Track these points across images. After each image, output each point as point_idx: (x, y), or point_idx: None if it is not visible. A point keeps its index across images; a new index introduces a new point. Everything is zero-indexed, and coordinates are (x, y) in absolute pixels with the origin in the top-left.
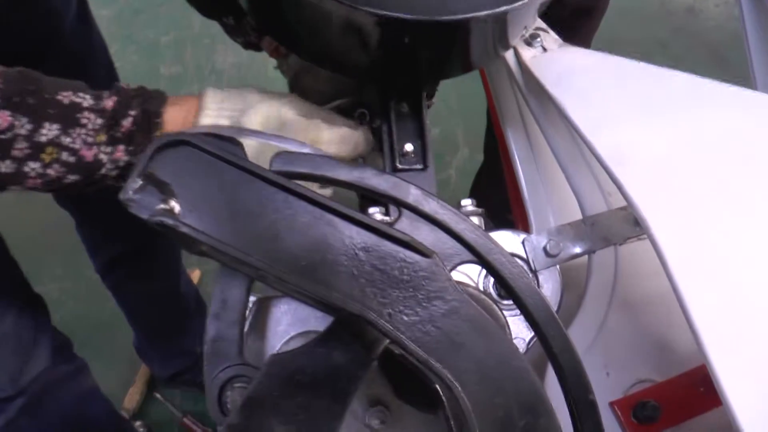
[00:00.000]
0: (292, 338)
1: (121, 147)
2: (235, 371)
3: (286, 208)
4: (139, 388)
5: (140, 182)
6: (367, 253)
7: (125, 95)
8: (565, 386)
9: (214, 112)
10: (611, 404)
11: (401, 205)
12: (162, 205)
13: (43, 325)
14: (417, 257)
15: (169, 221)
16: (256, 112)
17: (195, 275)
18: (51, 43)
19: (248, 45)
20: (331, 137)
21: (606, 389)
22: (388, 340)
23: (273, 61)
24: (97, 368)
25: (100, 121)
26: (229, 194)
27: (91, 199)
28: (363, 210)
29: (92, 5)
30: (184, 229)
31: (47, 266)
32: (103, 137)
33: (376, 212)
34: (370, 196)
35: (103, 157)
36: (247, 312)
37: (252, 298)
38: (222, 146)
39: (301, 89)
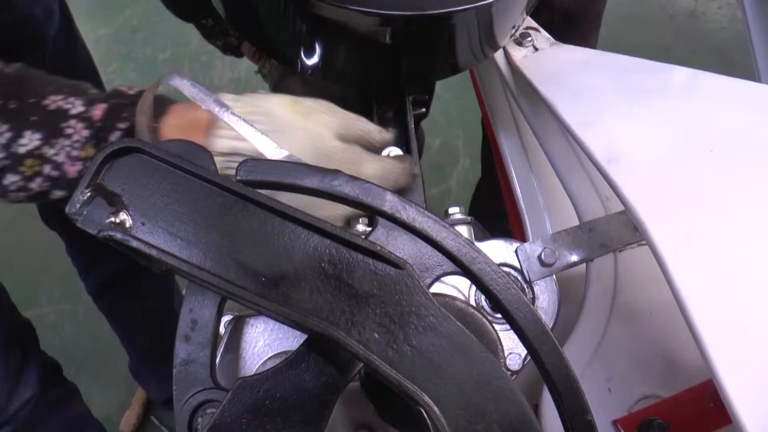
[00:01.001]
0: (269, 359)
1: None
2: (207, 396)
3: (244, 219)
4: (136, 411)
5: (88, 194)
6: (333, 265)
7: (118, 104)
8: (560, 406)
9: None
10: (614, 423)
11: (376, 212)
12: (111, 219)
13: (31, 350)
14: (389, 269)
15: (119, 236)
16: (291, 134)
17: None
18: (30, 53)
19: (227, 49)
20: (374, 172)
21: (609, 406)
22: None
23: None
24: (94, 391)
25: (86, 132)
26: (184, 205)
27: None
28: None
29: (90, 25)
30: (135, 244)
31: (44, 288)
32: (90, 151)
33: (358, 224)
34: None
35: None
36: (222, 331)
37: (227, 317)
38: (186, 155)
39: (286, 91)
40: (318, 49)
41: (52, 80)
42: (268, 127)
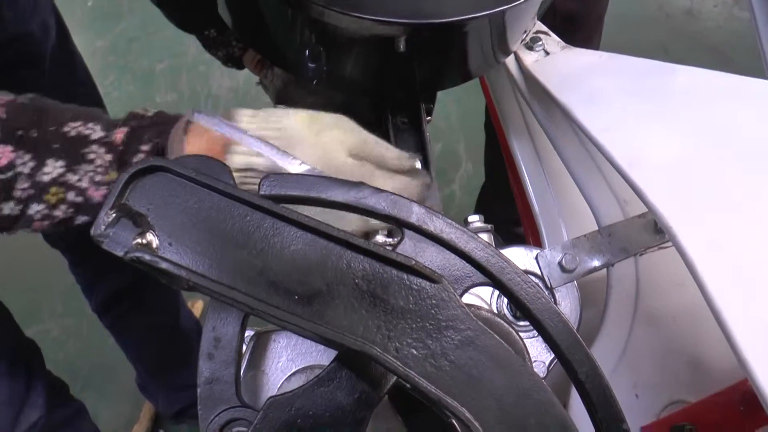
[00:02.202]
0: (293, 374)
1: None
2: (233, 414)
3: (274, 236)
4: (144, 426)
5: (113, 215)
6: (368, 281)
7: (138, 127)
8: (595, 416)
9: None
10: (643, 429)
11: (404, 225)
12: (138, 240)
13: (37, 371)
14: (424, 283)
15: (147, 257)
16: (302, 150)
17: (197, 307)
18: (28, 70)
19: (228, 59)
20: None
21: (637, 413)
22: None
23: None
24: (101, 406)
25: (109, 157)
26: (211, 223)
27: (81, 238)
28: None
29: (86, 38)
30: (164, 265)
31: (47, 304)
32: (114, 175)
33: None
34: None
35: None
36: (245, 347)
37: (249, 332)
38: (204, 170)
39: (289, 100)
40: (331, 59)
41: (67, 108)
42: (281, 142)
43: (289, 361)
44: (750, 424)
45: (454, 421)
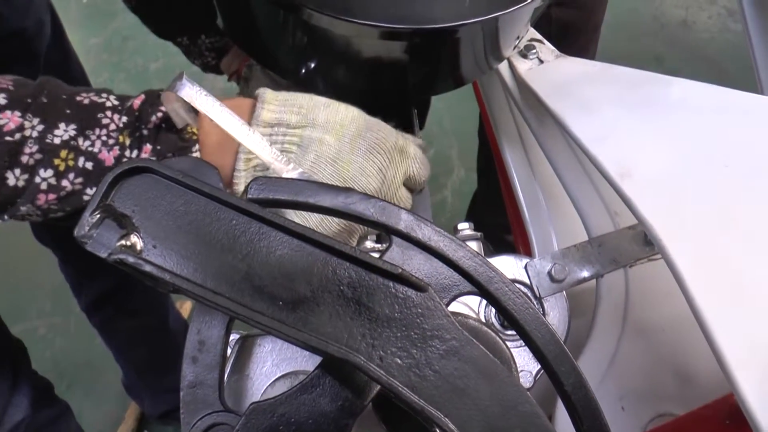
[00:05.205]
0: (277, 379)
1: (148, 147)
2: (215, 419)
3: (260, 240)
4: (130, 426)
5: (98, 216)
6: (353, 288)
7: (154, 94)
8: (580, 428)
9: (278, 107)
10: None
11: (392, 232)
12: (122, 242)
13: (23, 372)
14: (410, 291)
15: (130, 259)
16: (328, 107)
17: (186, 308)
18: (23, 68)
19: (207, 67)
20: (417, 153)
21: (622, 426)
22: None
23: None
24: (87, 406)
25: (124, 119)
26: (197, 226)
27: (71, 235)
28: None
29: (80, 35)
30: (148, 268)
31: (35, 302)
32: (126, 138)
33: (366, 241)
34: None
35: (125, 161)
36: (229, 351)
37: (234, 336)
38: (193, 172)
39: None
40: (321, 63)
41: (79, 87)
42: (311, 103)
43: (274, 366)
44: None
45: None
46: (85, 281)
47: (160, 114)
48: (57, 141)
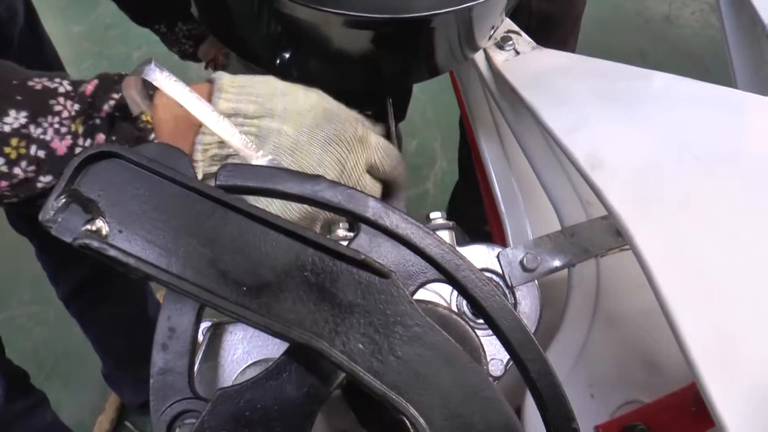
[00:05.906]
0: (248, 367)
1: (101, 136)
2: (185, 406)
3: (225, 226)
4: (110, 416)
5: (63, 200)
6: (317, 275)
7: (107, 78)
8: (545, 413)
9: (235, 96)
10: (596, 428)
11: (359, 219)
12: (87, 226)
13: None
14: (373, 278)
15: (95, 244)
16: (286, 95)
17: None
18: None
19: (185, 55)
20: (379, 142)
21: (591, 412)
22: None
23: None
24: (66, 395)
25: (77, 106)
26: (163, 212)
27: None
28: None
29: (63, 23)
30: (112, 253)
31: (15, 291)
32: (79, 127)
33: (338, 229)
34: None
35: (78, 150)
36: (201, 338)
37: (206, 324)
38: (161, 158)
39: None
40: (296, 52)
41: (33, 71)
42: (269, 90)
43: (245, 354)
44: (700, 426)
45: (404, 418)
46: (61, 270)
47: (112, 102)
48: (7, 129)
